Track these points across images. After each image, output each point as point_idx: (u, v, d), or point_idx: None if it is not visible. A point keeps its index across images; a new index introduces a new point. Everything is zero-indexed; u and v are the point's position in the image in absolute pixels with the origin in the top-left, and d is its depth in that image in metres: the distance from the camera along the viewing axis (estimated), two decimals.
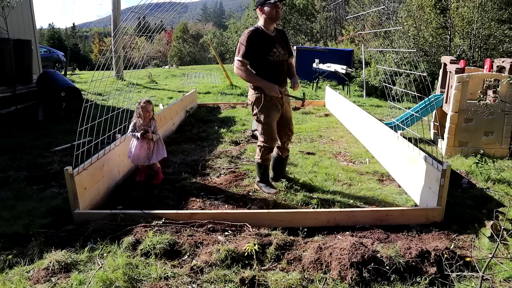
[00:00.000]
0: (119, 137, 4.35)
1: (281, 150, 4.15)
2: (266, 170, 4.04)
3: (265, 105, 3.73)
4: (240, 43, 3.63)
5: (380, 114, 8.45)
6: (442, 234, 3.16)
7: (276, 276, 2.51)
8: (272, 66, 3.71)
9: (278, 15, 3.63)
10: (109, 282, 2.43)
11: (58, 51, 18.47)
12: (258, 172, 4.05)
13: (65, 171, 3.22)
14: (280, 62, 3.78)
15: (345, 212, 3.35)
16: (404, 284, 2.46)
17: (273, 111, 3.78)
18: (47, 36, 45.60)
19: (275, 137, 3.89)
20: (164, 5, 4.87)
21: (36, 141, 6.03)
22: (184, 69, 20.76)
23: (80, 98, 8.02)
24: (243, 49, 3.59)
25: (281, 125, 3.96)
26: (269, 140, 3.84)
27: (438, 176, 3.26)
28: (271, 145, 3.88)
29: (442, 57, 6.32)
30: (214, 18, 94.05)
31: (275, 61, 3.72)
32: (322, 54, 13.53)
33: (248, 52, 3.59)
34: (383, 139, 4.93)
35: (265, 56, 3.66)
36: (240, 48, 3.63)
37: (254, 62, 3.67)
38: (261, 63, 3.67)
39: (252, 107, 3.84)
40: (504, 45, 10.72)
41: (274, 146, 3.94)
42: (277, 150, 4.14)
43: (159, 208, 3.48)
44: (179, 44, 42.48)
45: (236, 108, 9.08)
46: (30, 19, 10.27)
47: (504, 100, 4.99)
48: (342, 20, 29.34)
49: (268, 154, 3.95)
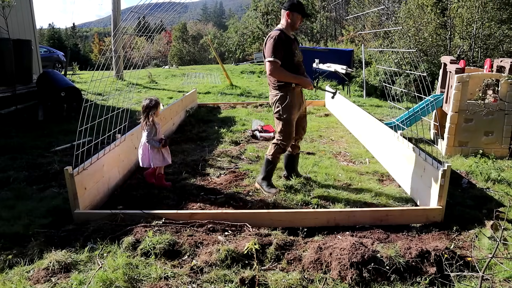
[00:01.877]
0: (119, 137, 4.35)
1: (293, 148, 4.24)
2: (273, 169, 4.09)
3: (288, 104, 3.86)
4: (270, 44, 3.76)
5: (380, 114, 8.45)
6: (442, 234, 3.16)
7: (276, 276, 2.51)
8: (295, 66, 3.90)
9: (298, 26, 3.95)
10: (109, 282, 2.43)
11: (58, 51, 18.44)
12: (264, 169, 4.06)
13: (65, 171, 3.22)
14: (300, 63, 4.00)
15: (345, 212, 3.35)
16: (404, 284, 2.46)
17: (295, 110, 3.93)
18: (47, 36, 45.61)
19: (293, 137, 4.02)
20: (164, 5, 4.87)
21: (36, 141, 6.03)
22: (184, 69, 20.76)
23: (80, 98, 8.02)
24: (275, 50, 3.73)
25: (297, 123, 4.08)
26: (287, 138, 3.95)
27: (438, 176, 3.26)
28: (288, 144, 3.98)
29: (442, 57, 6.32)
30: (214, 18, 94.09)
31: (297, 62, 3.92)
32: (322, 54, 13.54)
33: (280, 53, 3.75)
34: (383, 139, 4.93)
35: (290, 57, 3.85)
36: (271, 49, 3.75)
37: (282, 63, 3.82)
38: (287, 64, 3.83)
39: (274, 105, 3.94)
40: (504, 45, 10.72)
41: (289, 145, 4.04)
42: (289, 148, 4.21)
43: (159, 208, 3.48)
44: (178, 44, 42.49)
45: (236, 108, 9.08)
46: (30, 19, 10.27)
47: (504, 100, 4.99)
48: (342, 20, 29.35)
49: (281, 153, 4.05)
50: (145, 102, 4.03)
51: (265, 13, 34.39)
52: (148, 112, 3.99)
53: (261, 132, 6.34)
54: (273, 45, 3.73)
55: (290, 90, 3.87)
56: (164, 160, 4.10)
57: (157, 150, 4.04)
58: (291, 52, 3.83)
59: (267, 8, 33.91)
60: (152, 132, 4.01)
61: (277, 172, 4.58)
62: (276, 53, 3.72)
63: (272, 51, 3.72)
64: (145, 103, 4.02)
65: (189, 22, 54.23)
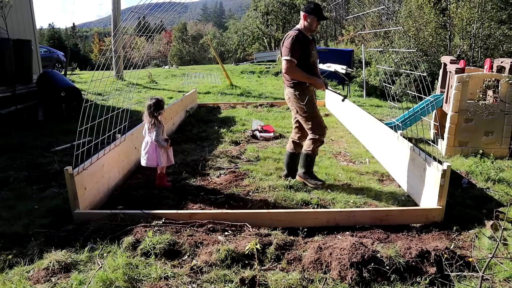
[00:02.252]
0: (119, 137, 4.35)
1: (296, 146, 4.29)
2: (313, 161, 4.18)
3: (310, 99, 3.99)
4: (288, 43, 3.83)
5: (380, 114, 8.45)
6: (442, 234, 3.16)
7: (276, 276, 2.51)
8: (310, 66, 4.00)
9: (316, 28, 4.02)
10: (109, 282, 2.43)
11: (58, 51, 18.43)
12: (304, 164, 4.14)
13: (65, 171, 3.22)
14: (315, 63, 4.11)
15: (345, 212, 3.35)
16: (404, 284, 2.46)
17: (315, 104, 4.08)
18: (47, 36, 45.59)
19: (324, 125, 4.13)
20: (164, 5, 4.87)
21: (36, 141, 6.03)
22: (184, 69, 20.75)
23: (80, 98, 8.02)
24: (292, 49, 3.81)
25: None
26: (321, 131, 4.04)
27: (438, 176, 3.26)
28: (324, 134, 4.08)
29: (442, 57, 6.32)
30: (214, 18, 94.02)
31: (312, 62, 4.02)
32: (322, 54, 13.52)
33: (296, 52, 3.83)
34: (383, 139, 4.93)
35: (307, 57, 3.94)
36: (288, 48, 3.82)
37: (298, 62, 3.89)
38: (303, 63, 3.91)
39: (295, 104, 4.02)
40: (504, 45, 10.72)
41: (325, 134, 4.12)
42: (292, 146, 4.30)
43: (159, 208, 3.48)
44: (178, 44, 42.51)
45: (236, 108, 9.08)
46: (30, 19, 10.26)
47: (504, 100, 4.99)
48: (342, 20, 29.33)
49: (319, 146, 4.15)
50: (152, 102, 4.00)
51: (265, 13, 34.43)
52: (156, 112, 3.98)
53: (261, 132, 6.34)
54: (290, 44, 3.81)
55: (305, 87, 3.98)
56: (169, 159, 4.13)
57: (164, 149, 4.05)
58: (307, 52, 3.93)
59: (267, 8, 33.95)
60: (160, 131, 4.02)
61: (277, 172, 4.59)
62: (293, 53, 3.80)
63: (289, 50, 3.81)
64: (152, 102, 3.99)
65: (189, 22, 54.23)
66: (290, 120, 7.62)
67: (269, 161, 4.99)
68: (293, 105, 4.09)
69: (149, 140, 4.04)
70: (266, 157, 5.17)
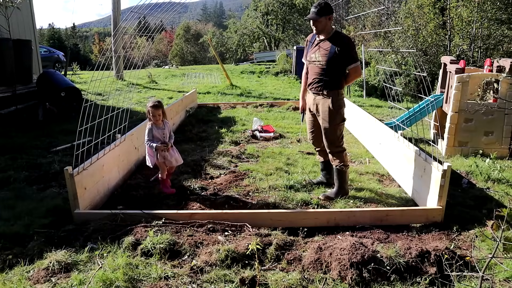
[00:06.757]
0: (119, 137, 4.35)
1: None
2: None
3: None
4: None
5: (380, 114, 8.45)
6: (442, 234, 3.16)
7: (276, 276, 2.51)
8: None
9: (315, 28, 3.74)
10: (109, 282, 2.43)
11: (58, 51, 18.46)
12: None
13: (65, 171, 3.22)
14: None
15: (345, 212, 3.35)
16: (404, 284, 2.46)
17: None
18: (47, 36, 45.62)
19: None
20: (164, 5, 4.87)
21: (36, 141, 6.03)
22: (184, 69, 20.76)
23: (80, 98, 8.02)
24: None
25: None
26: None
27: (438, 176, 3.26)
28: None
29: (442, 57, 6.32)
30: (214, 18, 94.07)
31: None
32: None
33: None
34: (383, 139, 4.93)
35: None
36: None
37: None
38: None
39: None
40: (504, 45, 10.72)
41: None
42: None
43: (159, 208, 3.48)
44: (181, 42, 42.57)
45: (236, 108, 9.08)
46: (30, 19, 10.26)
47: (504, 100, 4.99)
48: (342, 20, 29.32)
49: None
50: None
51: (265, 13, 34.42)
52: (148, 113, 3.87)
53: (261, 132, 6.34)
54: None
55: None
56: (167, 161, 4.08)
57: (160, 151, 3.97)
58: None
59: (267, 8, 33.95)
60: (149, 132, 3.88)
61: (277, 172, 4.58)
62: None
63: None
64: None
65: (189, 22, 54.23)
66: (290, 120, 7.64)
67: (269, 161, 4.99)
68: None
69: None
70: (266, 157, 5.17)
